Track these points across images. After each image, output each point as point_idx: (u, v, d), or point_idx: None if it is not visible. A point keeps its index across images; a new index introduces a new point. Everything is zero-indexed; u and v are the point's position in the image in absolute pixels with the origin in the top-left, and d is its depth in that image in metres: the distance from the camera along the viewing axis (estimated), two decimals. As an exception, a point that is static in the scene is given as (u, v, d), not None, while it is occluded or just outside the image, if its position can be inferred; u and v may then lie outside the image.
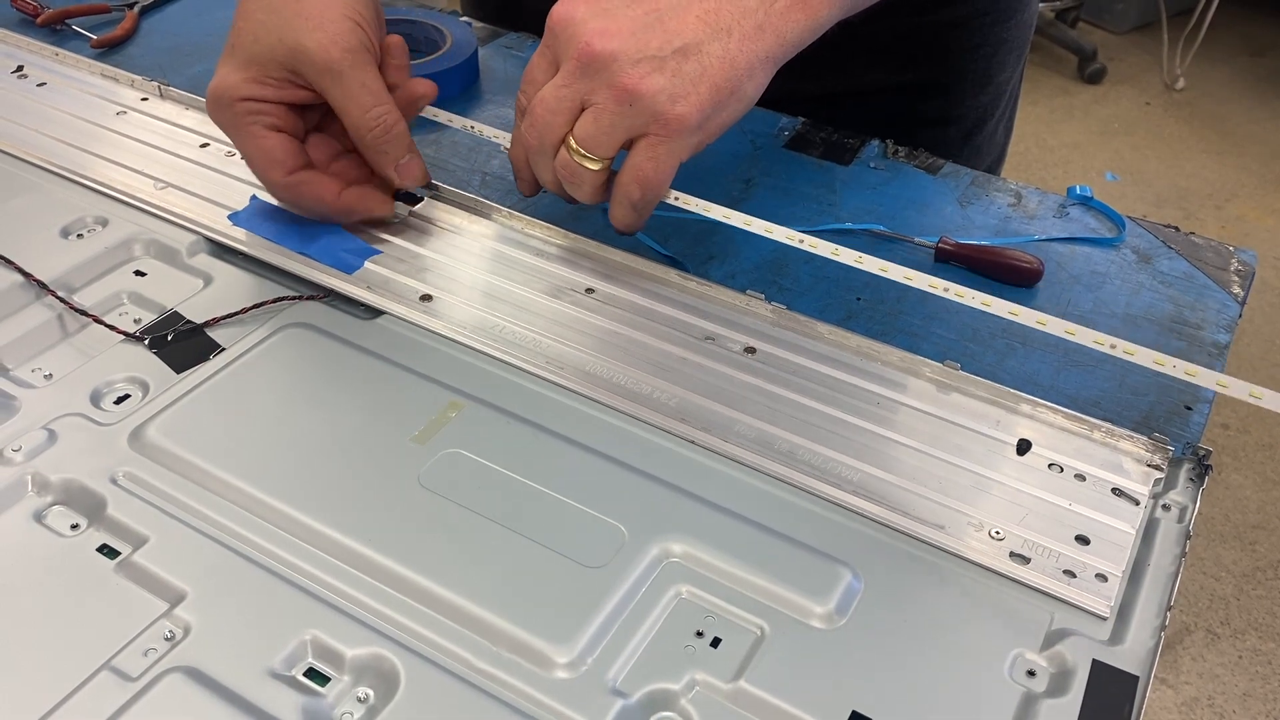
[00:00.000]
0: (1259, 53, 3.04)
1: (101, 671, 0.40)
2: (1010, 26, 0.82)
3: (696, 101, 0.52)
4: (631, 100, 0.51)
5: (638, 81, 0.51)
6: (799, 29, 0.54)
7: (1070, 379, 0.56)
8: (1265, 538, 1.75)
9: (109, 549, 0.45)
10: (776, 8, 0.53)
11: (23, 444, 0.49)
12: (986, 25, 0.81)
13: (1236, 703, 1.52)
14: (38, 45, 0.80)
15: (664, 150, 0.53)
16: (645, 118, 0.52)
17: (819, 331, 0.56)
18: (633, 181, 0.54)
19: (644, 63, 0.51)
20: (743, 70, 0.53)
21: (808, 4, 0.54)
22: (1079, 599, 0.44)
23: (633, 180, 0.54)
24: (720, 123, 0.54)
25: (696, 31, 0.52)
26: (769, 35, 0.53)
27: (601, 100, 0.52)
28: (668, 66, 0.51)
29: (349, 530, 0.45)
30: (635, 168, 0.54)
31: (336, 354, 0.54)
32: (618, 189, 0.55)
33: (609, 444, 0.50)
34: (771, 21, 0.53)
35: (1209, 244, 0.65)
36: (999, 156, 0.92)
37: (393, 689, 0.40)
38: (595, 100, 0.52)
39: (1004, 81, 0.85)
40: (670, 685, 0.41)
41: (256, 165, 0.58)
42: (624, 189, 0.54)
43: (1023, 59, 0.88)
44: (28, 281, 0.57)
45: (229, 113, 0.57)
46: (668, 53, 0.51)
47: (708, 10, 0.52)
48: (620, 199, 0.55)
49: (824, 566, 0.45)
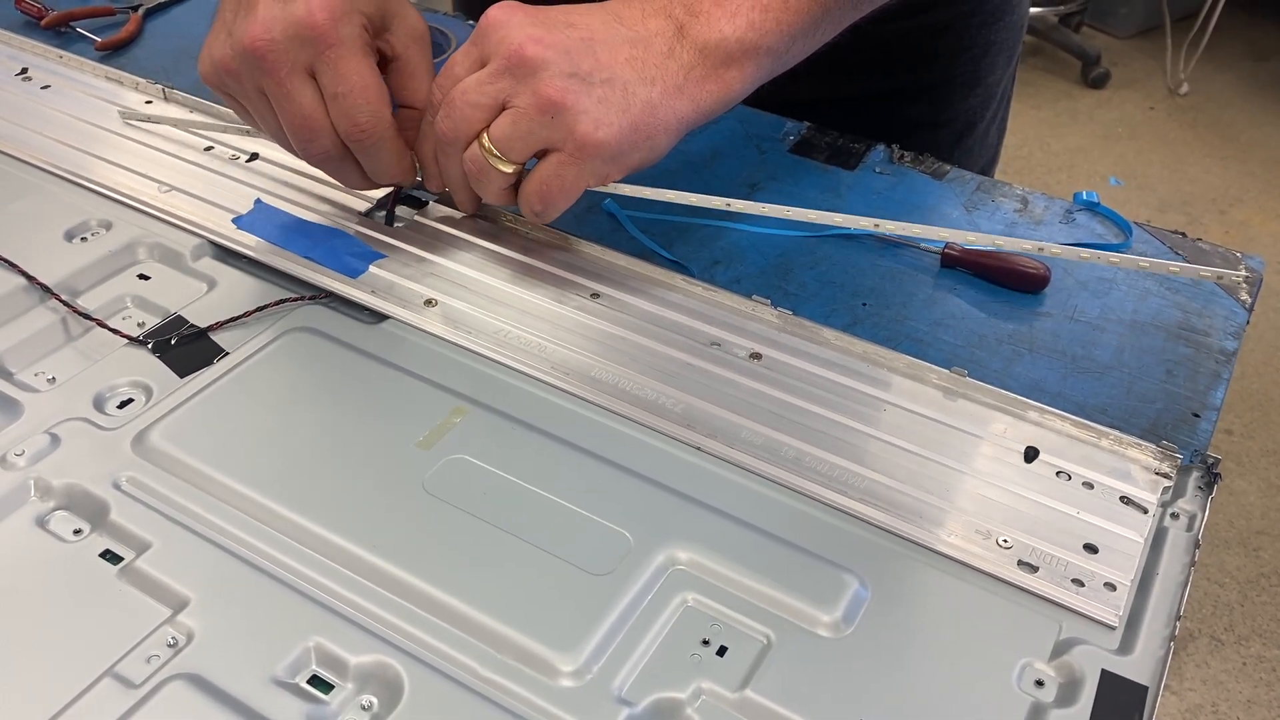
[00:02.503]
0: (1263, 57, 3.04)
1: (104, 678, 0.40)
2: (999, 29, 0.82)
3: (617, 133, 0.52)
4: (554, 111, 0.52)
5: (563, 94, 0.51)
6: (712, 99, 0.55)
7: (1077, 386, 0.55)
8: (1270, 544, 1.74)
9: (112, 554, 0.45)
10: (693, 76, 0.54)
11: (25, 448, 0.48)
12: (974, 28, 0.80)
13: (1241, 709, 1.52)
14: (42, 48, 0.80)
15: (573, 172, 0.54)
16: (563, 133, 0.52)
17: (825, 337, 0.56)
18: (535, 194, 0.55)
19: (573, 79, 0.52)
20: (660, 121, 0.54)
21: (721, 79, 0.55)
22: (1087, 608, 0.44)
23: (536, 193, 0.55)
24: (630, 163, 0.55)
25: (625, 71, 0.53)
26: (686, 99, 0.54)
27: (524, 104, 0.52)
28: (595, 91, 0.52)
29: (353, 536, 0.45)
30: (541, 181, 0.54)
31: (340, 359, 0.54)
32: (520, 195, 0.56)
33: (614, 450, 0.50)
34: (689, 87, 0.54)
35: (1216, 250, 0.65)
36: (992, 158, 0.92)
37: (397, 697, 0.40)
38: (517, 103, 0.52)
39: (994, 83, 0.85)
40: (676, 694, 0.40)
41: (363, 98, 0.53)
42: (525, 198, 0.55)
43: (1013, 60, 0.88)
44: (31, 285, 0.57)
45: (332, 35, 0.52)
46: (596, 80, 0.52)
47: (635, 57, 0.53)
48: (521, 204, 0.56)
49: (830, 574, 0.45)
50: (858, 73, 0.79)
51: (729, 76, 0.55)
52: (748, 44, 0.55)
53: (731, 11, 0.54)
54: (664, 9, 0.55)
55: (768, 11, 0.55)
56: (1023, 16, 0.86)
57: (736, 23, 0.54)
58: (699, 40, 0.54)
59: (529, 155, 0.54)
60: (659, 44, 0.54)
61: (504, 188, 0.55)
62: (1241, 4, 2.92)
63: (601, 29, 0.54)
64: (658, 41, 0.54)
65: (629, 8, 0.55)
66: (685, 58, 0.54)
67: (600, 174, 0.54)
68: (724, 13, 0.54)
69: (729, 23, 0.54)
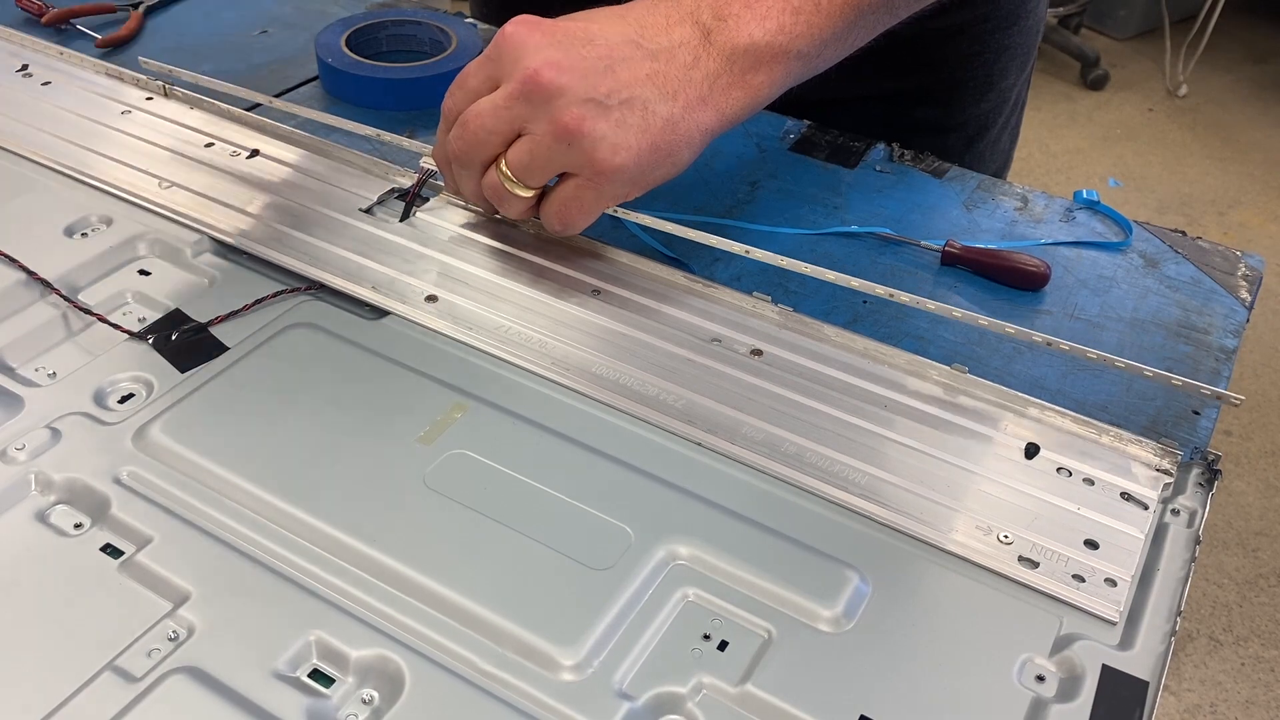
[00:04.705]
0: (1262, 59, 3.04)
1: (104, 672, 0.40)
2: (1013, 33, 0.81)
3: (635, 155, 0.52)
4: (570, 140, 0.51)
5: (580, 122, 0.51)
6: (738, 106, 0.54)
7: (1077, 383, 0.55)
8: (1268, 544, 1.75)
9: (112, 549, 0.45)
10: (719, 84, 0.53)
11: (26, 443, 0.48)
12: (987, 32, 0.80)
13: (1239, 710, 1.52)
14: (43, 44, 0.79)
15: (592, 196, 0.53)
16: (581, 160, 0.52)
17: (825, 334, 0.56)
18: (555, 216, 0.55)
19: (590, 104, 0.51)
20: (682, 136, 0.53)
21: (748, 84, 0.54)
22: (1088, 603, 0.44)
23: (555, 216, 0.55)
24: (651, 181, 0.54)
25: (645, 88, 0.52)
26: (710, 109, 0.53)
27: (540, 132, 0.52)
28: (612, 114, 0.51)
29: (353, 531, 0.45)
30: (561, 204, 0.54)
31: (341, 354, 0.54)
32: (541, 214, 0.56)
33: (615, 446, 0.50)
34: (714, 97, 0.53)
35: (1216, 249, 0.65)
36: (1004, 163, 0.91)
37: (397, 691, 0.40)
38: (533, 130, 0.52)
39: (1007, 88, 0.84)
40: (677, 688, 0.40)
41: None
42: (546, 218, 0.56)
43: (1028, 66, 0.87)
44: (32, 280, 0.57)
45: None
46: (615, 101, 0.51)
47: (656, 72, 0.52)
48: (543, 222, 0.56)
49: (831, 569, 0.45)
50: (869, 74, 0.78)
51: (756, 81, 0.54)
52: (777, 48, 0.54)
53: (762, 14, 0.54)
54: (690, 14, 0.54)
55: (799, 14, 0.54)
56: (1038, 22, 0.85)
57: (767, 26, 0.54)
58: (727, 46, 0.53)
59: (547, 180, 0.54)
60: (683, 55, 0.53)
61: (525, 209, 0.56)
62: (1240, 6, 2.92)
63: (621, 45, 0.52)
64: (682, 52, 0.53)
65: (653, 14, 0.54)
66: (711, 66, 0.53)
67: (620, 195, 0.54)
68: (754, 15, 0.54)
69: (759, 26, 0.53)
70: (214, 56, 0.81)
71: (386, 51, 0.81)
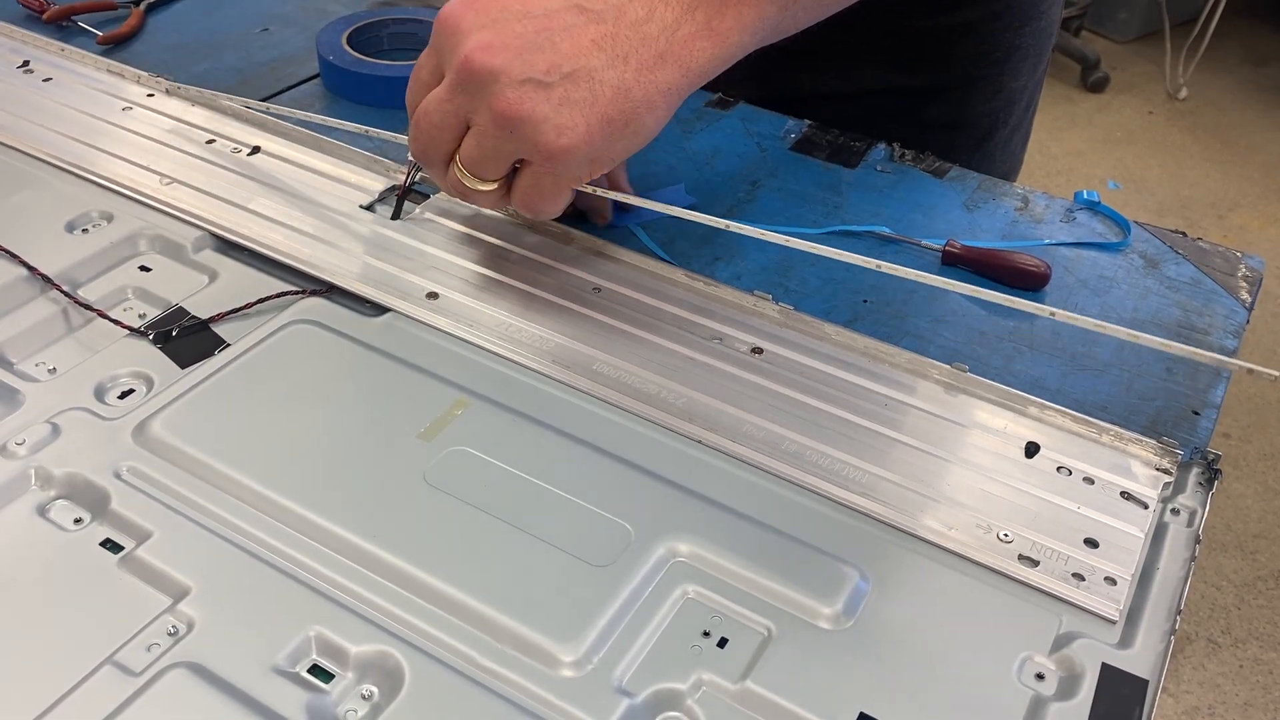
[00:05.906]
0: (1262, 63, 3.04)
1: (104, 666, 0.40)
2: (1024, 34, 0.81)
3: (584, 134, 0.48)
4: (512, 127, 0.48)
5: (518, 106, 0.48)
6: (705, 58, 0.49)
7: (1078, 383, 0.55)
8: (1266, 547, 1.75)
9: (112, 544, 0.45)
10: (679, 35, 0.49)
11: (26, 438, 0.48)
12: (998, 31, 0.80)
13: (1237, 712, 1.52)
14: (44, 41, 0.80)
15: (548, 181, 0.51)
16: (527, 147, 0.49)
17: (826, 333, 0.56)
18: (522, 205, 0.53)
19: (527, 85, 0.47)
20: (639, 101, 0.49)
21: (714, 31, 0.49)
22: (1088, 602, 0.44)
23: (522, 205, 0.53)
24: (614, 154, 0.51)
25: (590, 56, 0.48)
26: (671, 65, 0.49)
27: (482, 122, 0.49)
28: (554, 92, 0.48)
29: (354, 527, 0.45)
30: (523, 193, 0.52)
31: (342, 350, 0.54)
32: (512, 204, 0.53)
33: (615, 443, 0.50)
34: (674, 50, 0.49)
35: (1216, 249, 0.65)
36: (1013, 166, 0.89)
37: (397, 686, 0.40)
38: (476, 121, 0.50)
39: (1018, 89, 0.84)
40: (677, 685, 0.40)
41: None
42: (516, 207, 0.53)
43: (1040, 68, 0.86)
44: (32, 276, 0.57)
45: None
46: (555, 77, 0.48)
47: (604, 35, 0.48)
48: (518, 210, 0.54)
49: (831, 567, 0.45)
50: (878, 68, 0.78)
51: (724, 28, 0.49)
52: None
53: None
54: None
55: None
56: (1052, 23, 0.83)
57: None
58: None
59: (504, 170, 0.51)
60: (634, 9, 0.48)
61: (493, 201, 0.53)
62: (1240, 9, 2.92)
63: (562, 12, 0.48)
64: (633, 7, 0.48)
65: None
66: (668, 17, 0.48)
67: (582, 174, 0.51)
68: None
69: None
70: (214, 54, 0.81)
71: (388, 49, 0.81)
